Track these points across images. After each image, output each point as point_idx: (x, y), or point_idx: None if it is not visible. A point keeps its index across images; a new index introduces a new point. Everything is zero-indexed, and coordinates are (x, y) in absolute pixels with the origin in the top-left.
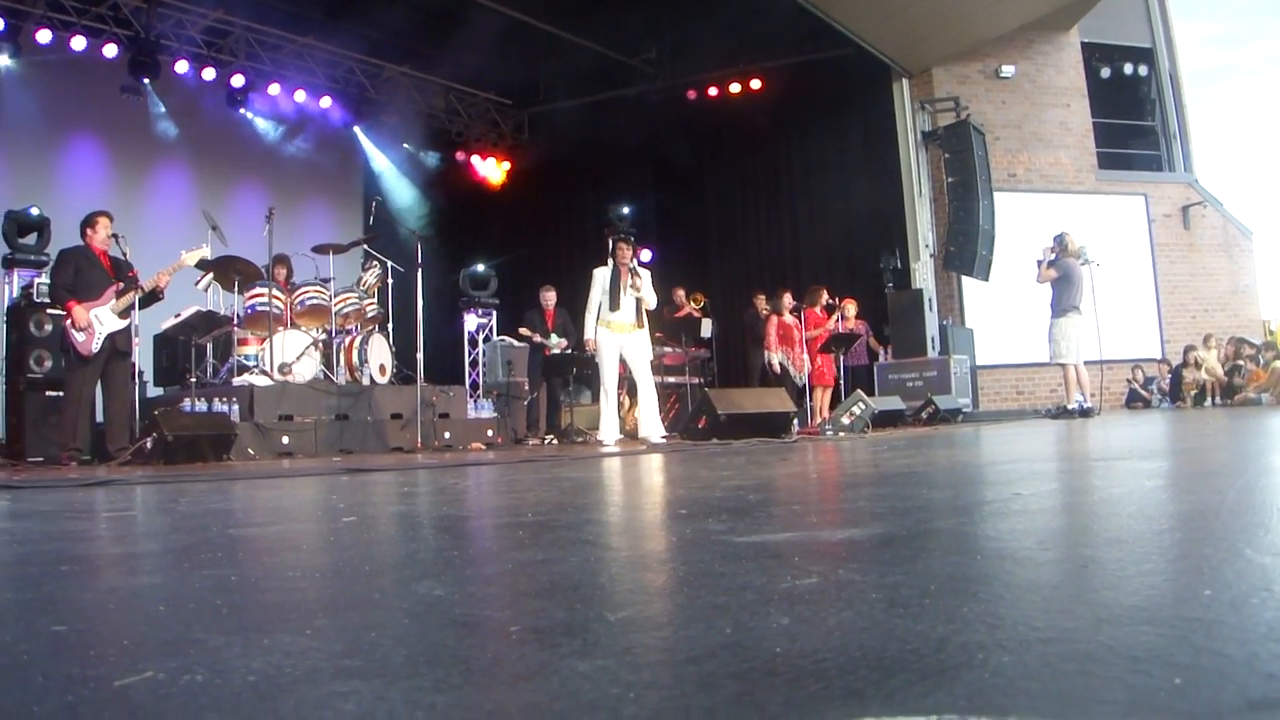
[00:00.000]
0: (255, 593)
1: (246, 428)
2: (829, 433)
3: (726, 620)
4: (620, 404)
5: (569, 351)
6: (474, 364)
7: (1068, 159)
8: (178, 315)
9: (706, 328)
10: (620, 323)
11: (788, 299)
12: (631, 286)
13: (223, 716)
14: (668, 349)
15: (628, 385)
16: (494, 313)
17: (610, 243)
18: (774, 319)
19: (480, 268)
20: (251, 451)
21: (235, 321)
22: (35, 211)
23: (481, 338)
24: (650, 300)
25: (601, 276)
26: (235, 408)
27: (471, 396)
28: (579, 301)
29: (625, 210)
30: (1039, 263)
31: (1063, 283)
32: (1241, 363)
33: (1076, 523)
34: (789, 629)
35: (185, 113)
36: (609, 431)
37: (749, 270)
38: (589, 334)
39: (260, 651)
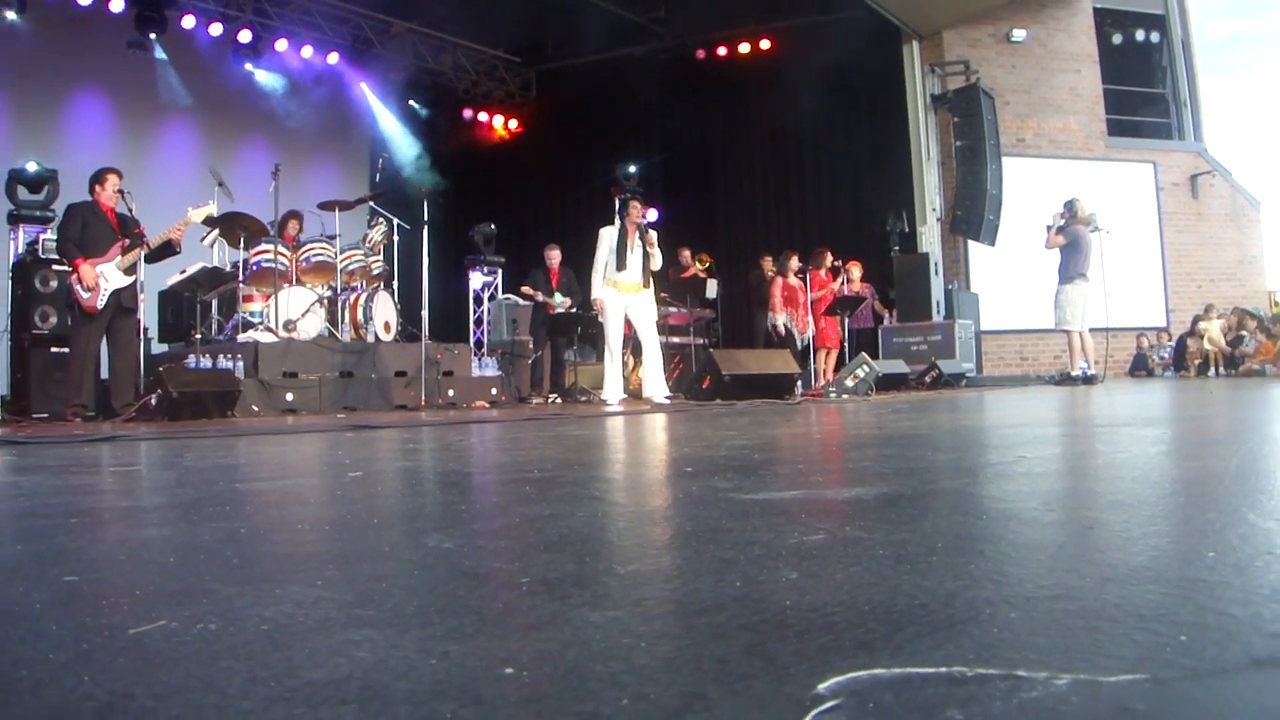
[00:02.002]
0: (264, 545)
1: (251, 384)
2: (833, 395)
3: (735, 574)
4: (625, 364)
5: (573, 310)
6: (479, 322)
7: (1077, 125)
8: (183, 271)
9: (712, 288)
10: (626, 282)
11: (793, 261)
12: (644, 242)
13: (238, 663)
14: (673, 309)
15: (632, 345)
16: (499, 271)
17: (618, 201)
18: (779, 281)
19: (489, 226)
20: (256, 408)
21: (241, 278)
22: (33, 167)
23: (486, 296)
24: (656, 260)
25: (609, 235)
26: (240, 364)
27: (476, 355)
28: (584, 261)
29: (632, 169)
30: (1048, 228)
31: (1071, 249)
32: (1245, 334)
33: (1081, 486)
34: (798, 583)
35: (192, 69)
36: (613, 391)
37: (755, 232)
38: (595, 293)
39: (272, 601)
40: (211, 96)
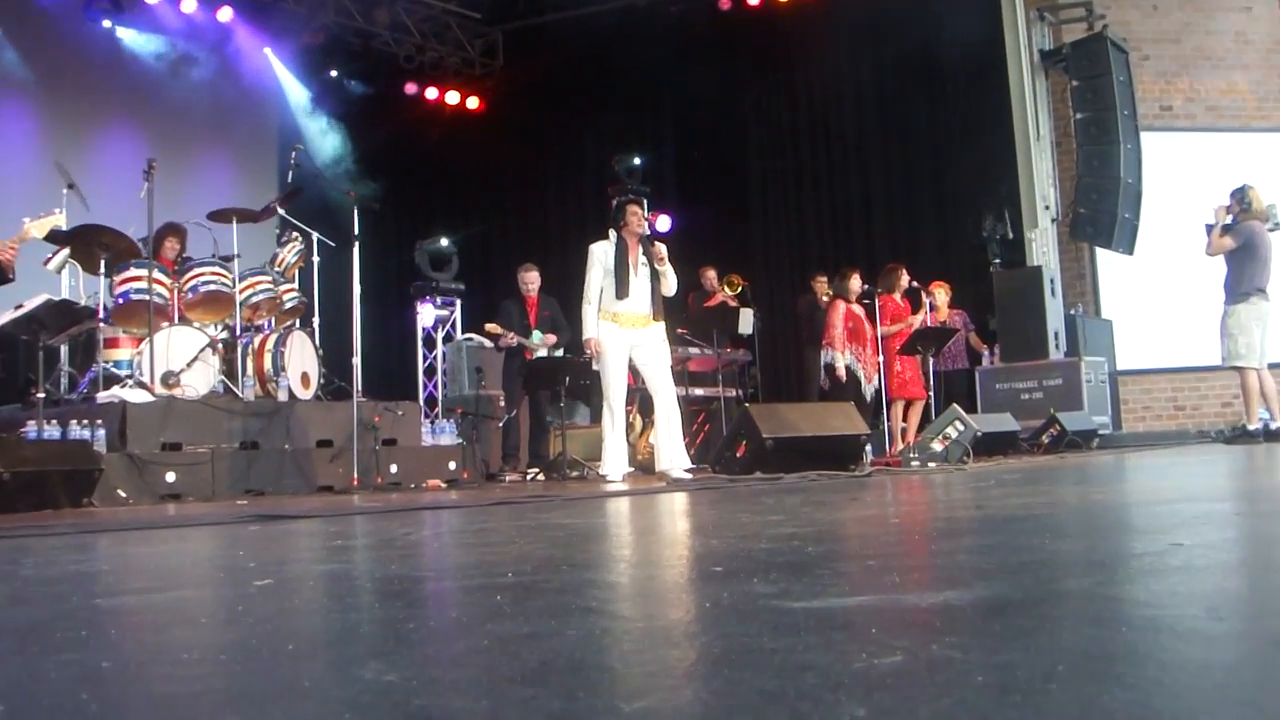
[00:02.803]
0: (136, 683)
1: (116, 460)
2: (914, 463)
3: (782, 712)
4: (630, 426)
5: (559, 355)
6: (431, 372)
7: (1247, 85)
8: (18, 307)
9: (746, 321)
10: (631, 314)
11: (856, 281)
12: (648, 261)
13: None
14: (694, 350)
15: (640, 400)
16: (457, 303)
17: (615, 205)
18: (839, 308)
19: (442, 242)
20: (123, 494)
21: (101, 315)
22: None
23: (441, 336)
24: (669, 284)
25: (603, 253)
26: (101, 433)
27: (428, 417)
28: (572, 287)
29: (635, 162)
30: (1209, 228)
31: (1243, 255)
32: None
33: (1261, 584)
34: None
35: (30, 33)
36: (615, 464)
37: (804, 243)
38: (588, 331)
39: None
40: (58, 68)
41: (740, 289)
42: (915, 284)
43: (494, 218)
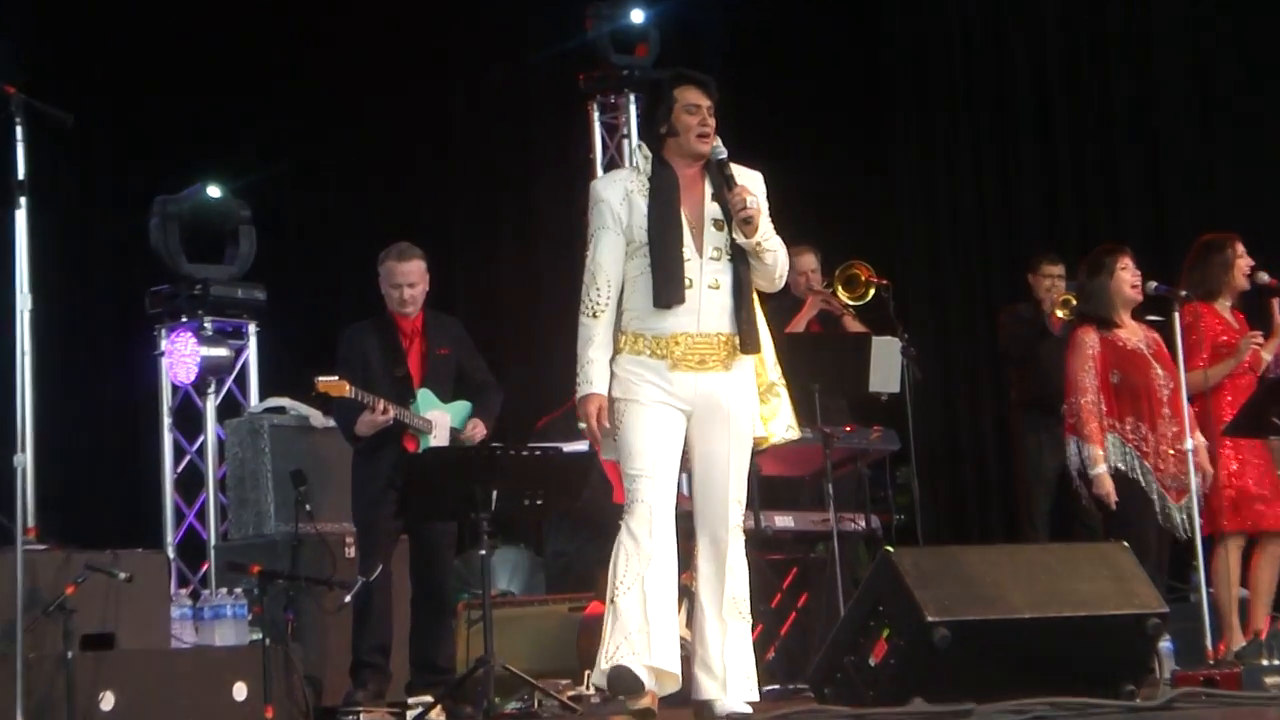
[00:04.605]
0: None
1: None
2: (1273, 679)
3: None
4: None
5: (488, 449)
6: (191, 486)
7: None
8: None
9: (885, 360)
10: (690, 339)
11: (1129, 274)
12: (723, 217)
13: None
14: (779, 430)
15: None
16: (250, 331)
17: (649, 99)
18: (1089, 340)
19: (211, 193)
20: None
21: None
22: None
23: (213, 405)
24: (773, 264)
25: (621, 196)
26: None
27: (186, 584)
28: (520, 282)
29: (636, 19)
30: None
31: None
32: None
33: None
34: None
35: None
36: (637, 653)
37: (1012, 207)
38: (590, 381)
39: None
40: None
41: (870, 291)
42: (1267, 277)
43: (331, 138)
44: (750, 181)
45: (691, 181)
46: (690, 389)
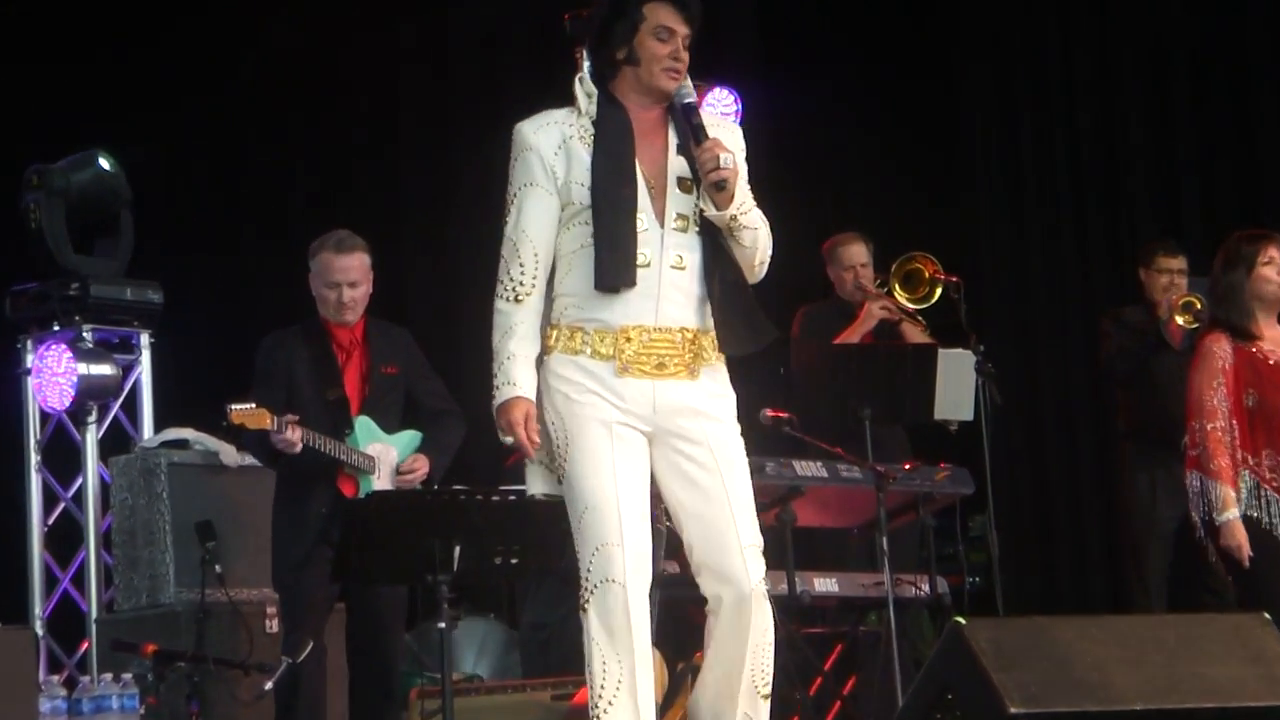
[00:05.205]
0: None
1: None
2: None
3: None
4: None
5: (453, 494)
6: (66, 540)
7: None
8: None
9: (957, 382)
10: (640, 331)
11: (1273, 269)
12: (690, 178)
13: None
14: (810, 471)
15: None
16: (142, 343)
17: (604, 15)
18: (1219, 350)
19: (101, 165)
20: None
21: None
22: None
23: (93, 438)
24: (754, 243)
25: (553, 143)
26: None
27: (55, 674)
28: (489, 281)
29: None
30: None
31: None
32: None
33: None
34: None
35: None
36: None
37: (1117, 189)
38: (512, 382)
39: None
40: None
41: (935, 291)
42: None
43: (241, 92)
44: (726, 136)
45: (651, 128)
46: (645, 402)
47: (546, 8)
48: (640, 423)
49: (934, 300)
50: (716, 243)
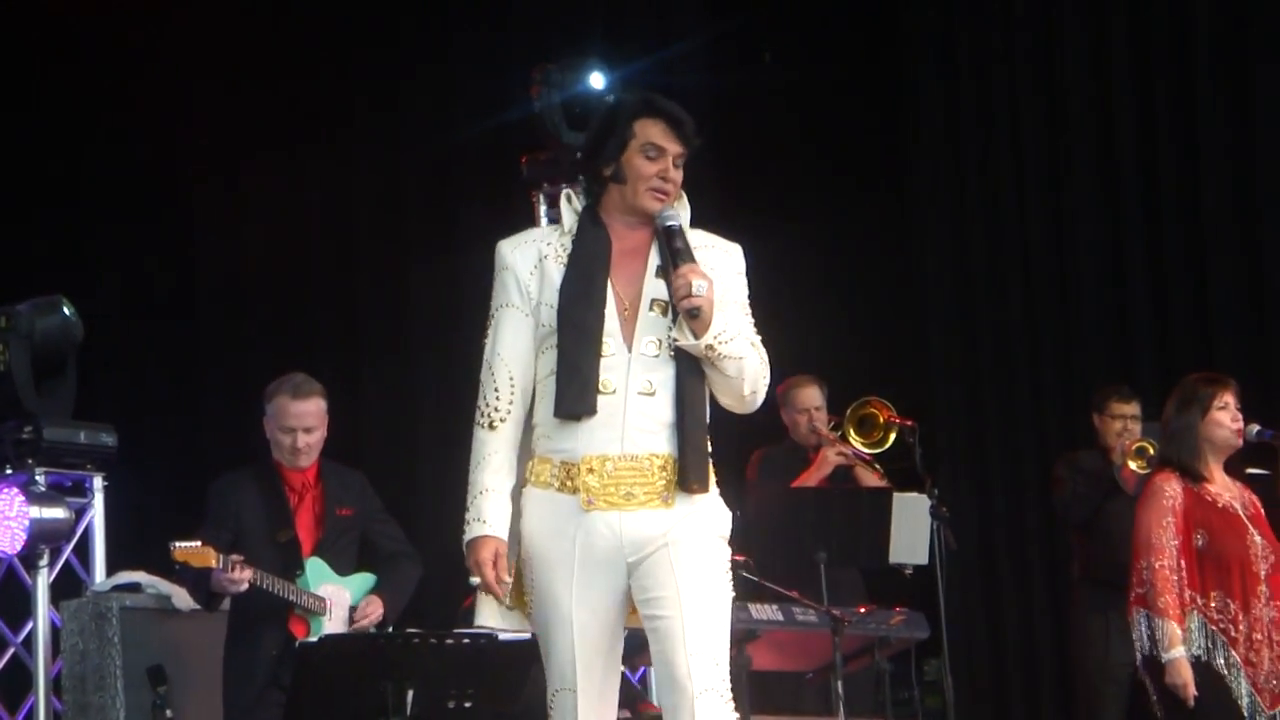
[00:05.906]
0: None
1: None
2: None
3: None
4: None
5: (406, 637)
6: (8, 685)
7: None
8: None
9: (910, 526)
10: (612, 462)
11: (1226, 414)
12: (668, 302)
13: None
14: (765, 614)
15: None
16: (93, 484)
17: (601, 124)
18: (1166, 491)
19: (65, 310)
20: None
21: None
22: None
23: (43, 583)
24: (738, 372)
25: (529, 264)
26: None
27: None
28: (443, 415)
29: (599, 81)
30: None
31: None
32: None
33: None
34: None
35: None
36: None
37: (1065, 316)
38: (483, 520)
39: None
40: None
41: (890, 435)
42: None
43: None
44: (721, 258)
45: (632, 249)
46: (611, 535)
47: (508, 150)
48: (611, 555)
49: (889, 445)
50: (691, 370)
